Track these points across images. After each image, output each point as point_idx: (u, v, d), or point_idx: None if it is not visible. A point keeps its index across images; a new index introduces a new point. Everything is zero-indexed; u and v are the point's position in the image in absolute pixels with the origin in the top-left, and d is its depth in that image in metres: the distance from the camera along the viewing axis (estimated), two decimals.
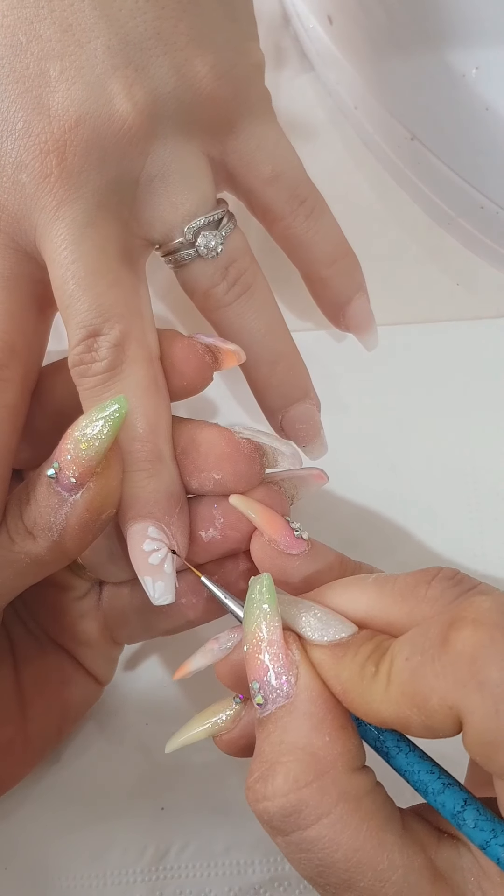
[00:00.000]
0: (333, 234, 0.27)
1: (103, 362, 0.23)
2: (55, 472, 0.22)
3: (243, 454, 0.24)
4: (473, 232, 0.34)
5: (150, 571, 0.23)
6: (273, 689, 0.19)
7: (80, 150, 0.22)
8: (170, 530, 0.23)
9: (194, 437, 0.24)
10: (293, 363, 0.27)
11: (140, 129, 0.23)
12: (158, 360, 0.24)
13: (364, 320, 0.29)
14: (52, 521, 0.22)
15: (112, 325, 0.23)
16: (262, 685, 0.20)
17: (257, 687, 0.20)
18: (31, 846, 0.29)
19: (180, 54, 0.23)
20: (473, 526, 0.32)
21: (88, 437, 0.21)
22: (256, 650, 0.20)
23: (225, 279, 0.25)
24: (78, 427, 0.22)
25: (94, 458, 0.21)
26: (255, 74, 0.25)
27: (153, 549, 0.23)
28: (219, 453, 0.24)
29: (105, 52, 0.22)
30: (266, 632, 0.20)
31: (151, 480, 0.23)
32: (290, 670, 0.19)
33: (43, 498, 0.22)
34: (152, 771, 0.30)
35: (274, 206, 0.26)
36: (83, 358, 0.23)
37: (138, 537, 0.23)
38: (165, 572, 0.23)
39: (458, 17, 0.28)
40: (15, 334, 0.24)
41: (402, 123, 0.33)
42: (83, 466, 0.21)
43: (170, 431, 0.24)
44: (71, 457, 0.21)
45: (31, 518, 0.22)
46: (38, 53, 0.22)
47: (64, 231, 0.23)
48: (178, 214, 0.24)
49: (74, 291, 0.23)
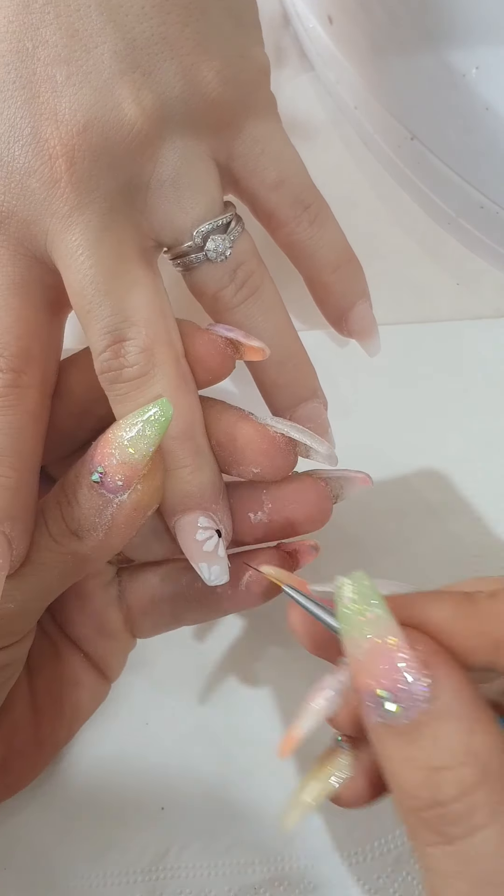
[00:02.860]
0: (337, 240, 0.28)
1: (134, 368, 0.23)
2: (100, 477, 0.22)
3: (279, 449, 0.24)
4: (473, 232, 0.34)
5: (206, 557, 0.24)
6: (409, 695, 0.17)
7: (89, 154, 0.22)
8: (217, 516, 0.24)
9: (231, 432, 0.25)
10: (301, 363, 0.27)
11: (149, 133, 0.23)
12: (184, 357, 0.24)
13: (366, 326, 0.29)
14: (98, 522, 0.22)
15: (138, 329, 0.23)
16: (395, 692, 0.17)
17: (388, 695, 0.17)
18: (31, 846, 0.29)
19: (187, 59, 0.23)
20: (474, 526, 0.32)
21: (134, 441, 0.22)
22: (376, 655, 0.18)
23: (233, 282, 0.25)
24: (122, 429, 0.22)
25: (142, 462, 0.22)
26: (261, 79, 0.25)
27: (206, 537, 0.24)
28: (256, 449, 0.24)
29: (112, 57, 0.22)
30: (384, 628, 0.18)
31: (196, 475, 0.24)
32: (423, 669, 0.18)
33: (86, 500, 0.22)
34: (152, 771, 0.30)
35: (278, 211, 0.26)
36: (111, 364, 0.23)
37: (190, 528, 0.24)
38: (220, 556, 0.24)
39: (458, 16, 0.28)
40: (31, 339, 0.24)
41: (403, 123, 0.33)
42: (131, 470, 0.22)
43: (203, 424, 0.25)
44: (117, 461, 0.22)
45: (74, 520, 0.23)
46: (44, 59, 0.22)
47: (79, 236, 0.23)
48: (187, 219, 0.24)
49: (94, 297, 0.23)
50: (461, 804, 0.17)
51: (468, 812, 0.17)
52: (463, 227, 0.34)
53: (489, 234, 0.33)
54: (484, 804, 0.17)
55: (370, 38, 0.32)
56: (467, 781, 0.17)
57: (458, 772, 0.17)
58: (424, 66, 0.30)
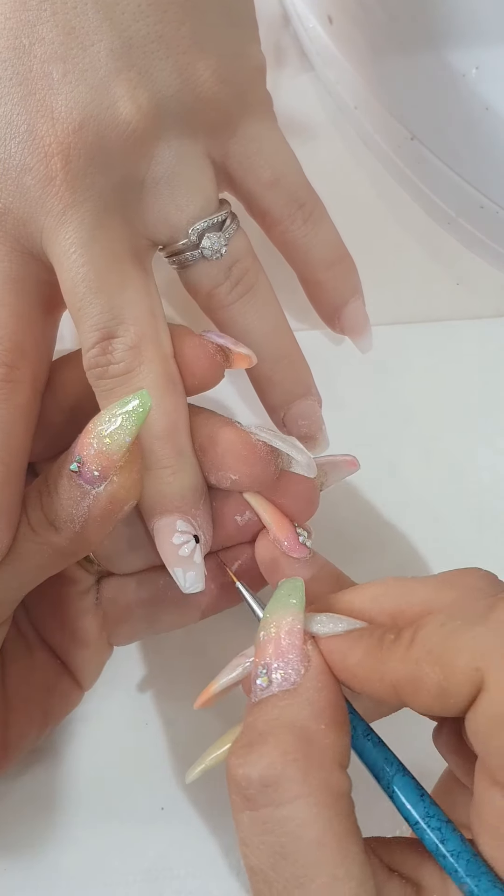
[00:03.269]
0: (331, 239, 0.28)
1: (120, 365, 0.23)
2: (78, 466, 0.22)
3: (259, 457, 0.24)
4: (473, 232, 0.34)
5: (181, 563, 0.24)
6: (281, 674, 0.20)
7: (85, 152, 0.22)
8: (196, 522, 0.24)
9: (213, 435, 0.24)
10: (295, 361, 0.27)
11: (144, 131, 0.23)
12: (173, 358, 0.24)
13: (359, 324, 0.29)
14: (75, 513, 0.22)
15: (126, 327, 0.23)
16: (270, 669, 0.20)
17: (264, 670, 0.20)
18: (31, 847, 0.29)
19: (183, 57, 0.23)
20: (473, 526, 0.32)
21: (112, 431, 0.22)
22: (274, 637, 0.20)
23: (228, 279, 0.25)
24: (101, 421, 0.22)
25: (118, 452, 0.22)
26: (257, 78, 0.25)
27: (183, 541, 0.24)
28: (236, 455, 0.24)
29: (108, 55, 0.22)
30: (289, 621, 0.20)
31: (176, 477, 0.24)
32: (303, 661, 0.20)
33: (65, 490, 0.22)
34: (152, 771, 0.30)
35: (273, 209, 0.26)
36: (99, 360, 0.23)
37: (167, 531, 0.24)
38: (195, 562, 0.24)
39: (458, 16, 0.28)
40: (24, 335, 0.24)
41: (402, 123, 0.33)
42: (107, 460, 0.22)
43: (188, 427, 0.24)
44: (94, 451, 0.22)
45: (52, 510, 0.23)
46: (41, 56, 0.22)
47: (72, 234, 0.23)
48: (182, 217, 0.24)
49: (86, 294, 0.23)
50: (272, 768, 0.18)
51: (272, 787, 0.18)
52: (463, 227, 0.34)
53: (489, 234, 0.33)
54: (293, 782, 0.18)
55: (370, 38, 0.32)
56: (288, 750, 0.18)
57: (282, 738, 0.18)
58: (424, 66, 0.30)
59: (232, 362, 0.25)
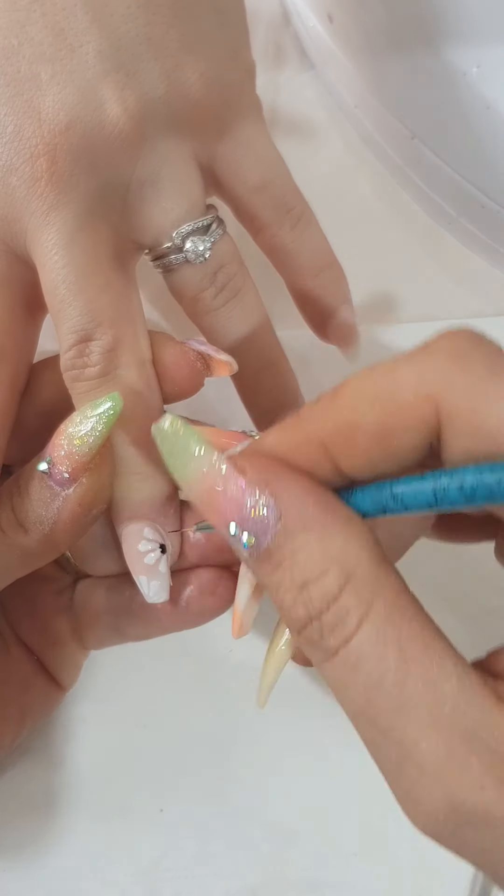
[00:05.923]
0: (319, 245, 0.27)
1: (96, 367, 0.23)
2: (48, 467, 0.22)
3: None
4: (474, 231, 0.34)
5: (146, 571, 0.24)
6: (257, 521, 0.17)
7: (71, 153, 0.22)
8: (164, 530, 0.24)
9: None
10: (280, 369, 0.27)
11: (131, 133, 0.23)
12: (151, 364, 0.24)
13: (347, 332, 0.29)
14: (44, 515, 0.22)
15: (104, 330, 0.23)
16: (242, 521, 0.17)
17: (237, 528, 0.17)
18: (30, 847, 0.29)
19: (171, 60, 0.23)
20: None
21: (82, 433, 0.22)
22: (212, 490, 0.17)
23: (213, 284, 0.25)
24: (72, 423, 0.22)
25: (88, 455, 0.22)
26: (246, 81, 0.25)
27: (148, 549, 0.24)
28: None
29: (96, 57, 0.22)
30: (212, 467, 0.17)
31: (146, 483, 0.24)
32: (262, 488, 0.17)
33: (35, 492, 0.22)
34: (151, 772, 0.30)
35: (260, 214, 0.26)
36: (75, 363, 0.23)
37: (134, 538, 0.24)
38: (160, 572, 0.24)
39: (458, 15, 0.28)
40: (4, 336, 0.24)
41: (403, 122, 0.32)
42: (76, 462, 0.22)
43: None
44: (64, 452, 0.22)
45: (22, 511, 0.23)
46: (29, 56, 0.22)
47: (54, 235, 0.23)
48: (167, 220, 0.24)
49: (65, 296, 0.23)
50: (331, 613, 0.16)
51: (339, 619, 0.16)
52: (463, 226, 0.34)
53: (490, 233, 0.33)
54: (353, 607, 0.16)
55: (370, 37, 0.32)
56: (331, 589, 0.16)
57: (321, 582, 0.16)
58: (425, 65, 0.30)
59: (212, 370, 0.25)
